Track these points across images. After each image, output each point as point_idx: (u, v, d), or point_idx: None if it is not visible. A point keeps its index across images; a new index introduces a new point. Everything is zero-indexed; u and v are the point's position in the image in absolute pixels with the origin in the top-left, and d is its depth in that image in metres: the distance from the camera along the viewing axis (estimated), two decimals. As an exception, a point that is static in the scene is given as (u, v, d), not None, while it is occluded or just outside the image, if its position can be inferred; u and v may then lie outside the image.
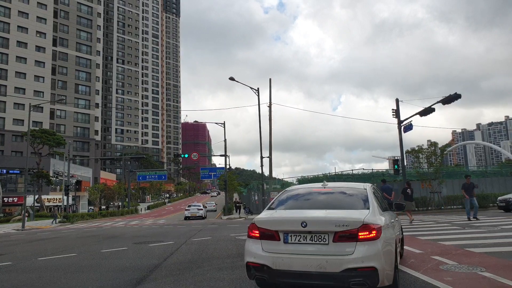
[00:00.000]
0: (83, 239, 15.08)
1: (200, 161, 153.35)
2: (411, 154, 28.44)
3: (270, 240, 4.50)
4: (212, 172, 51.37)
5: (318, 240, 4.30)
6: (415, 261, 7.05)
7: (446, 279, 5.54)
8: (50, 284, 6.35)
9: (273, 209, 5.14)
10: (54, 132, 56.99)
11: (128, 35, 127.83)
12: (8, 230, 26.79)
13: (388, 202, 8.06)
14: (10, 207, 55.09)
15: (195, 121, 56.93)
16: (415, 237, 10.88)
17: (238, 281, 5.80)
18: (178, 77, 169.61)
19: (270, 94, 41.48)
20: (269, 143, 40.74)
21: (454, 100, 22.14)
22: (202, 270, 6.95)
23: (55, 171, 58.69)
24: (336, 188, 5.56)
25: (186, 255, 8.97)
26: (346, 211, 4.64)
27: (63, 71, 76.34)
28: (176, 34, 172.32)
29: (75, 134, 76.73)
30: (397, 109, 26.20)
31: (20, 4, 70.36)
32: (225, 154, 42.08)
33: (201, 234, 14.94)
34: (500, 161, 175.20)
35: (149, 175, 61.27)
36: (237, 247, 9.95)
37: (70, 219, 35.36)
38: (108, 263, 8.24)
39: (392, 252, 4.56)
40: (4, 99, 66.50)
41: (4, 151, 65.44)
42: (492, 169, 45.39)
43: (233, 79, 32.03)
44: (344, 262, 4.10)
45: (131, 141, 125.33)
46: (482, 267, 6.26)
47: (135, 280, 6.28)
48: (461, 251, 8.00)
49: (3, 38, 67.82)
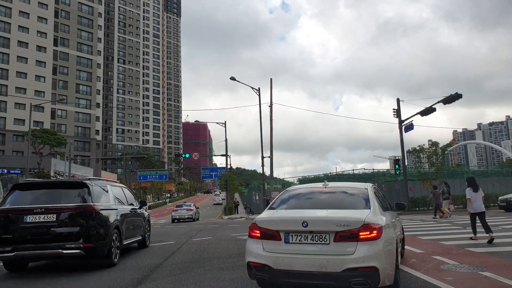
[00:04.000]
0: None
1: (201, 161, 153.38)
2: (412, 154, 28.45)
3: (271, 240, 4.50)
4: (213, 172, 51.35)
5: (319, 240, 4.30)
6: (416, 261, 7.05)
7: (447, 279, 5.54)
8: (51, 284, 6.37)
9: (274, 209, 5.15)
10: (55, 132, 57.06)
11: (129, 35, 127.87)
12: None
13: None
14: (11, 207, 55.07)
15: (196, 121, 56.93)
16: (416, 237, 10.88)
17: (239, 281, 5.80)
18: (179, 77, 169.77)
19: (271, 94, 41.50)
20: (270, 143, 40.75)
21: (455, 100, 22.16)
22: (203, 270, 6.95)
23: (56, 171, 58.73)
24: (337, 188, 5.56)
25: (187, 254, 8.97)
26: (347, 211, 4.65)
27: (64, 71, 76.38)
28: (177, 34, 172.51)
29: (76, 134, 76.78)
30: (398, 109, 26.20)
31: (21, 4, 70.39)
32: (226, 154, 42.10)
33: (202, 234, 14.96)
34: (501, 161, 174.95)
35: (150, 175, 61.22)
36: (238, 247, 9.95)
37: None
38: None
39: (393, 252, 4.56)
40: (5, 99, 66.54)
41: (5, 151, 65.49)
42: (493, 169, 45.39)
43: (234, 79, 32.03)
44: (345, 262, 4.10)
45: (132, 141, 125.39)
46: (483, 267, 6.26)
47: (136, 279, 6.29)
48: (462, 251, 7.99)
49: (4, 38, 67.86)
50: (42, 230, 7.00)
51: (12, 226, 7.03)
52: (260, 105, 32.69)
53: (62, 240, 7.00)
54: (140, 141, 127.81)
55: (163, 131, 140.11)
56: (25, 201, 7.41)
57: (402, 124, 25.79)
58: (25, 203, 7.33)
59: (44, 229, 6.99)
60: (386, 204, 6.04)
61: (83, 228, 7.14)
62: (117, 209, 8.50)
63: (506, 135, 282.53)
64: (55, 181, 9.41)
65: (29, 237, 6.99)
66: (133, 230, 9.53)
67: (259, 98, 32.17)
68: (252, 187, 57.29)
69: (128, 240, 9.08)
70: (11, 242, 6.95)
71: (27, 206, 7.17)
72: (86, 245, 7.09)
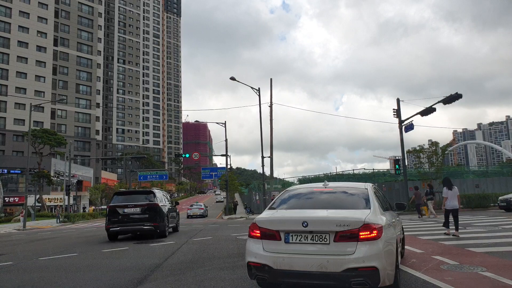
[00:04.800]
0: (84, 239, 15.10)
1: (201, 161, 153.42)
2: (412, 154, 28.43)
3: (271, 240, 4.50)
4: (213, 172, 51.25)
5: (319, 240, 4.30)
6: (416, 260, 7.05)
7: (447, 279, 5.54)
8: (51, 284, 6.35)
9: (274, 209, 5.14)
10: (55, 132, 57.05)
11: (129, 35, 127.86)
12: (9, 230, 26.82)
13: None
14: (11, 207, 55.12)
15: (196, 121, 56.86)
16: (416, 237, 10.88)
17: (239, 281, 5.80)
18: (179, 77, 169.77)
19: (271, 94, 41.56)
20: (270, 143, 40.75)
21: (455, 100, 22.16)
22: (203, 269, 6.95)
23: (56, 171, 58.74)
24: (337, 188, 5.56)
25: (187, 255, 8.97)
26: (347, 211, 4.64)
27: (64, 71, 76.38)
28: (177, 34, 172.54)
29: (76, 134, 76.77)
30: (398, 109, 26.20)
31: (21, 4, 70.40)
32: (226, 153, 42.09)
33: (202, 233, 14.96)
34: (501, 161, 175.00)
35: (150, 175, 61.16)
36: (238, 247, 9.96)
37: (71, 219, 35.39)
38: (109, 263, 8.25)
39: (393, 252, 4.56)
40: (5, 99, 66.55)
41: (5, 151, 65.49)
42: (493, 169, 45.37)
43: (234, 79, 32.04)
44: (345, 262, 4.10)
45: (132, 141, 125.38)
46: (483, 267, 6.26)
47: (136, 280, 6.29)
48: (462, 251, 8.00)
49: (4, 38, 67.86)
50: (132, 216, 13.09)
51: (117, 214, 13.14)
52: (260, 105, 32.71)
53: (142, 221, 13.04)
54: (140, 141, 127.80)
55: (163, 131, 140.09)
56: (122, 201, 13.55)
57: (402, 124, 25.79)
58: (122, 202, 13.45)
59: (133, 215, 13.09)
60: (386, 204, 6.04)
61: (152, 215, 13.10)
62: (166, 206, 14.53)
63: (506, 135, 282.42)
64: (137, 190, 17.42)
65: (125, 220, 13.07)
66: (172, 219, 15.47)
67: (259, 98, 32.20)
68: (252, 187, 57.29)
69: (170, 224, 14.90)
70: (117, 222, 13.06)
71: (124, 203, 13.29)
72: (154, 224, 13.05)
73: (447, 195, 11.06)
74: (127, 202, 13.32)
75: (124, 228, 13.05)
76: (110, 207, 13.30)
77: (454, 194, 10.97)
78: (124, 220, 13.00)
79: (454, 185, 11.16)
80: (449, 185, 10.99)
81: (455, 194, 10.99)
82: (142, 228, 12.97)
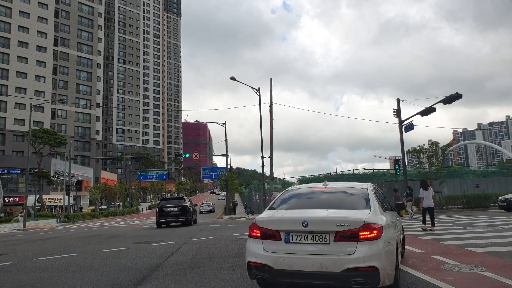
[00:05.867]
0: (84, 239, 15.10)
1: (201, 161, 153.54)
2: (412, 154, 28.42)
3: (271, 240, 4.50)
4: (213, 172, 51.25)
5: (319, 240, 4.30)
6: (416, 260, 7.05)
7: (447, 278, 5.54)
8: (51, 284, 6.36)
9: (274, 208, 5.14)
10: (55, 132, 57.08)
11: (129, 35, 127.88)
12: (9, 230, 26.83)
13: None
14: (11, 207, 55.13)
15: (196, 121, 56.88)
16: (416, 236, 10.89)
17: (239, 281, 5.80)
18: (179, 77, 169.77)
19: (271, 94, 41.53)
20: (270, 143, 40.74)
21: (455, 100, 22.15)
22: (203, 270, 6.95)
23: (56, 171, 58.75)
24: (337, 188, 5.56)
25: (187, 255, 8.97)
26: (347, 211, 4.64)
27: (64, 71, 76.38)
28: (177, 34, 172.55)
29: (76, 134, 76.78)
30: (398, 109, 26.18)
31: (21, 4, 70.41)
32: (226, 153, 42.07)
33: (202, 233, 14.96)
34: (501, 161, 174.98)
35: (150, 175, 61.24)
36: (238, 247, 9.95)
37: (71, 219, 35.39)
38: (109, 263, 8.25)
39: (393, 252, 4.56)
40: (5, 99, 66.57)
41: (5, 151, 65.50)
42: (493, 169, 45.36)
43: (234, 79, 32.03)
44: (345, 261, 4.10)
45: (132, 141, 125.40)
46: (483, 267, 6.26)
47: (136, 280, 6.29)
48: (462, 251, 7.99)
49: (4, 38, 67.87)
50: (173, 213, 20.81)
51: (163, 212, 20.74)
52: (260, 105, 32.70)
53: (179, 216, 20.83)
54: (140, 141, 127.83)
55: (163, 131, 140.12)
56: (165, 203, 21.56)
57: (402, 124, 25.77)
58: (165, 204, 21.40)
59: (174, 212, 20.81)
60: (386, 204, 6.04)
61: (184, 212, 20.90)
62: (191, 206, 22.19)
63: (506, 135, 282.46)
64: (174, 197, 29.60)
65: (168, 215, 20.75)
66: (194, 215, 23.26)
67: (259, 98, 32.19)
68: (252, 187, 57.24)
69: (193, 218, 22.31)
70: (164, 216, 20.68)
71: (167, 205, 21.18)
72: (186, 217, 20.86)
73: (424, 195, 12.49)
74: (168, 204, 21.19)
75: (167, 220, 20.69)
76: (159, 207, 20.95)
77: (429, 194, 12.39)
78: (167, 215, 20.62)
79: (430, 187, 12.76)
80: (425, 186, 12.49)
81: (430, 194, 12.38)
82: (178, 219, 20.71)
